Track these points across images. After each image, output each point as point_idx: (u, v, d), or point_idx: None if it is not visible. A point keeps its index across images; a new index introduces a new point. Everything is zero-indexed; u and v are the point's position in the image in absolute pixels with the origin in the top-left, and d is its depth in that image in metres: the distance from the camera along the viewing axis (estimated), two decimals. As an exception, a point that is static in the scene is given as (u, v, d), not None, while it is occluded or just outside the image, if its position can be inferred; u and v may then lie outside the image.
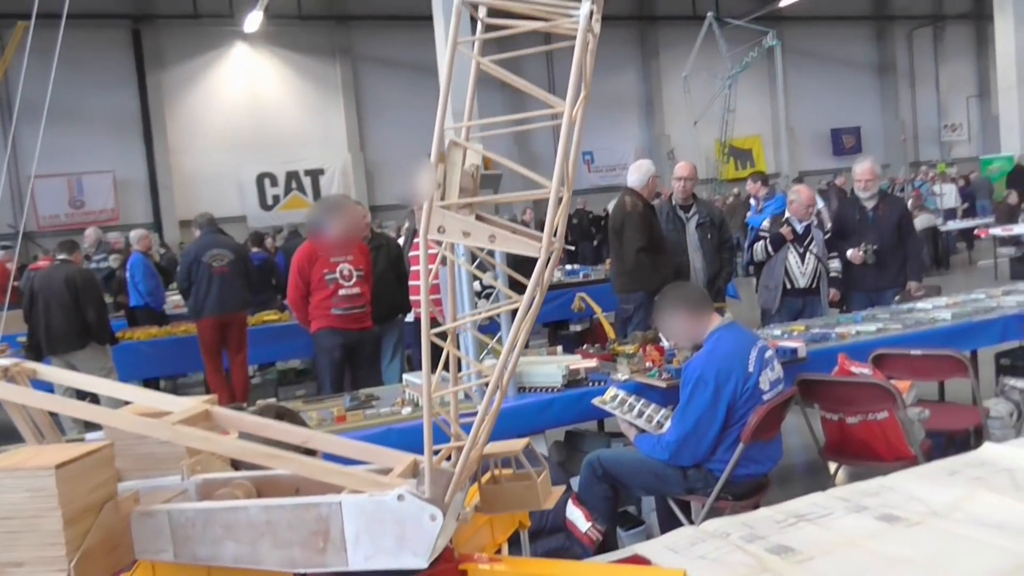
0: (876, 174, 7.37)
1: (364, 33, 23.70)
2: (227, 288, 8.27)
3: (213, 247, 8.42)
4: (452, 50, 1.54)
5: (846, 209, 7.63)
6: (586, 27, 1.42)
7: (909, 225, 7.43)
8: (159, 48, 21.79)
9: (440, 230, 1.52)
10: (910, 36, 31.06)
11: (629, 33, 26.50)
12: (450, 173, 1.56)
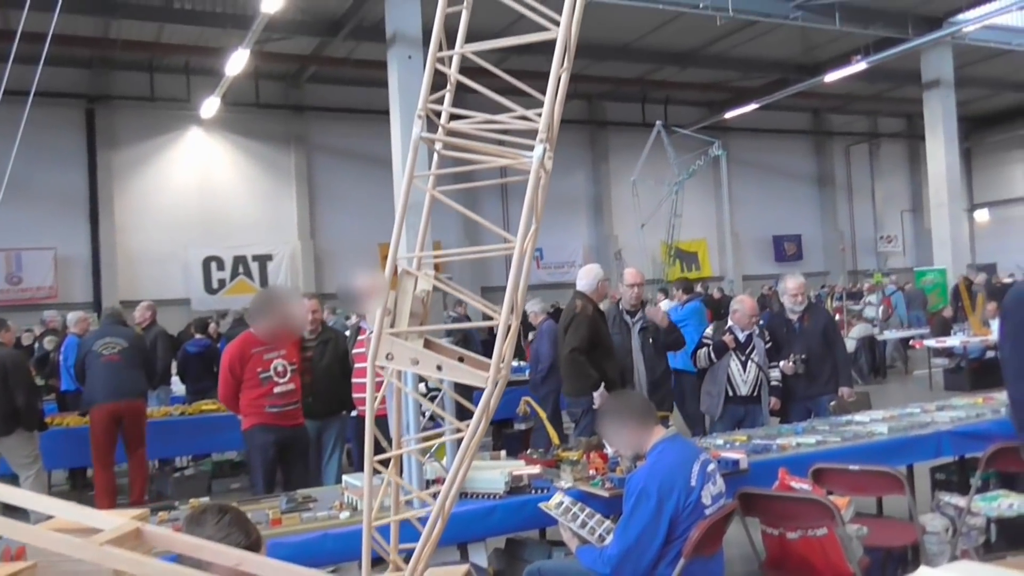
0: (803, 288, 7.72)
1: (320, 123, 23.99)
2: (116, 375, 8.12)
3: (107, 336, 8.35)
4: (408, 183, 1.58)
5: (775, 322, 7.86)
6: (538, 167, 1.47)
7: (834, 333, 7.72)
8: (113, 128, 21.75)
9: (388, 357, 1.53)
10: (847, 151, 32.46)
11: (580, 136, 27.25)
12: (401, 301, 1.57)
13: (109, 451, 8.09)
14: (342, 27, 19.09)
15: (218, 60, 19.13)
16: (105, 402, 8.01)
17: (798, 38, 22.87)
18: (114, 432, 8.07)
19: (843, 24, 20.26)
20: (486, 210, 24.43)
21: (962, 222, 26.17)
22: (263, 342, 6.18)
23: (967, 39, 22.18)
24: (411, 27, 15.93)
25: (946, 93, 22.36)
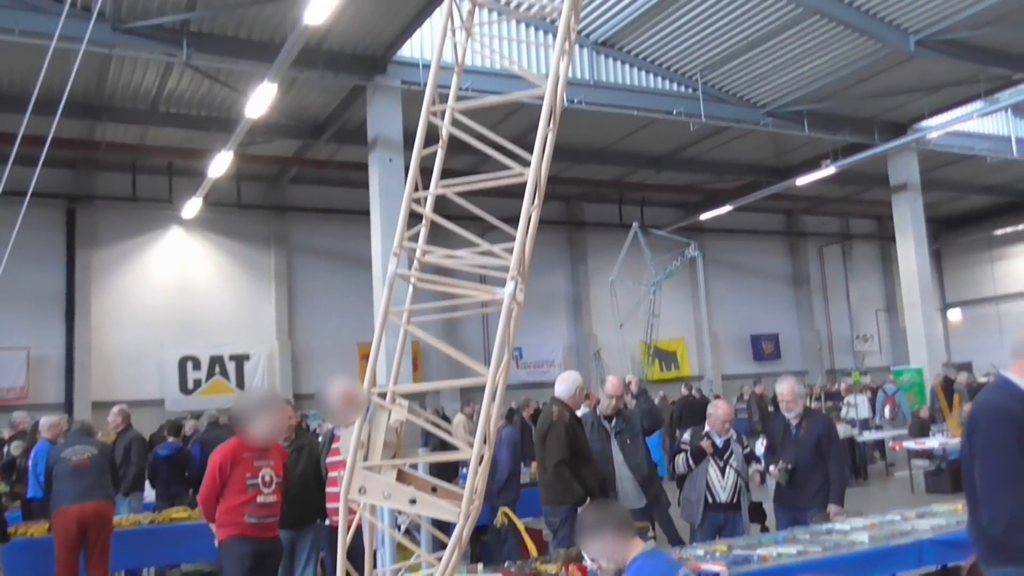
0: (797, 394, 7.43)
1: (301, 223, 24.19)
2: (84, 478, 8.05)
3: (76, 444, 8.32)
4: (384, 318, 1.60)
5: (774, 423, 7.73)
6: (510, 301, 1.50)
7: (831, 444, 7.23)
8: (93, 228, 21.82)
9: (361, 491, 1.52)
10: (821, 252, 33.03)
11: (559, 237, 27.61)
12: (374, 435, 1.58)
13: (73, 560, 7.84)
14: (324, 130, 19.47)
15: (201, 162, 19.39)
16: (71, 504, 7.83)
17: (769, 143, 23.56)
18: (79, 541, 7.83)
19: (812, 130, 20.95)
20: (468, 332, 24.50)
21: (936, 322, 26.50)
22: (254, 448, 6.11)
23: (931, 145, 22.95)
24: (392, 131, 16.28)
25: (914, 196, 22.97)
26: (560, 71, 2.13)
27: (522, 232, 1.59)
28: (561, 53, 2.31)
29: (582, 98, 18.07)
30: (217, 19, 14.75)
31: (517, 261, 1.47)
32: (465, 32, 2.14)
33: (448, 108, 1.58)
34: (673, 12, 17.15)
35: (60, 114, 8.98)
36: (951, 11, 16.71)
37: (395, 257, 1.49)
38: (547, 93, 2.11)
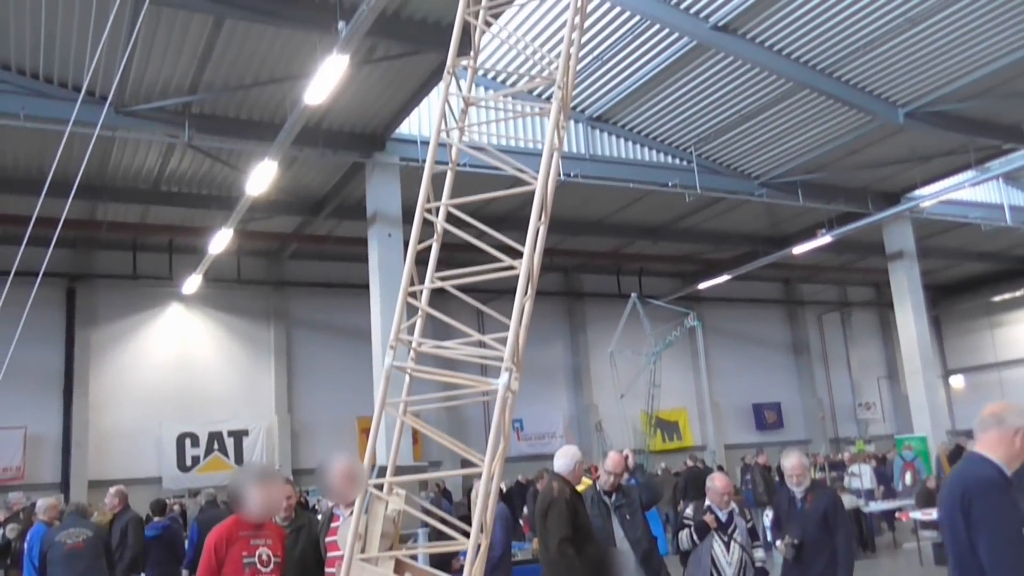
0: (805, 467, 7.25)
1: (300, 298, 24.26)
2: (79, 563, 7.98)
3: (71, 527, 8.28)
4: (381, 409, 1.62)
5: (779, 497, 7.56)
6: (504, 393, 1.51)
7: (837, 518, 6.96)
8: (93, 306, 21.88)
9: (357, 586, 1.51)
10: (820, 320, 33.06)
11: (558, 307, 27.67)
12: (371, 526, 1.57)
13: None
14: (324, 206, 19.68)
15: (201, 239, 19.55)
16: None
17: (765, 213, 23.79)
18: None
19: (806, 200, 21.18)
20: (469, 406, 24.33)
21: (938, 389, 26.41)
22: (251, 527, 6.00)
23: (925, 213, 23.17)
24: (391, 206, 16.45)
25: (910, 264, 23.09)
26: (552, 167, 2.18)
27: (515, 322, 1.61)
28: (551, 151, 2.37)
29: (578, 171, 18.32)
30: (219, 100, 15.05)
31: (511, 351, 1.49)
32: (459, 131, 2.23)
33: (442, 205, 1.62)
34: (665, 88, 17.51)
35: (62, 196, 9.10)
36: (938, 84, 17.07)
37: (391, 350, 1.51)
38: (538, 189, 2.16)
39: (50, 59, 13.58)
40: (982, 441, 4.10)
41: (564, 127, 2.55)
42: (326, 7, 12.39)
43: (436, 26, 13.26)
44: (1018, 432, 4.06)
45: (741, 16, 15.03)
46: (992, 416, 4.16)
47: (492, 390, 1.45)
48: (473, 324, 6.10)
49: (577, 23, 3.39)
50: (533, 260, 1.52)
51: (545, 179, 2.07)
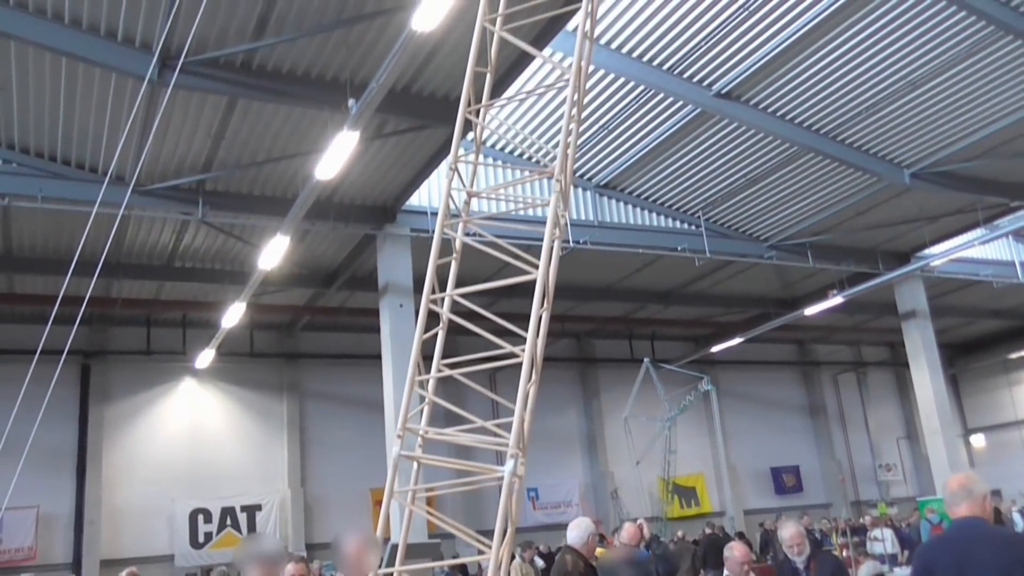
0: (803, 536, 7.23)
1: (313, 370, 24.27)
2: None
3: None
4: (388, 497, 1.63)
5: (783, 570, 7.47)
6: (511, 480, 1.52)
7: None
8: (107, 382, 21.94)
9: None
10: (835, 381, 32.77)
11: (570, 374, 27.55)
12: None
13: None
14: (336, 278, 19.82)
15: (214, 314, 19.66)
16: None
17: (775, 275, 23.80)
18: None
19: (816, 261, 21.21)
20: (484, 488, 24.05)
21: (958, 449, 25.98)
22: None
23: (936, 272, 23.13)
24: (402, 277, 16.55)
25: (923, 323, 22.97)
26: (554, 257, 2.21)
27: (520, 408, 1.63)
28: (551, 241, 2.42)
29: (587, 238, 18.45)
30: (232, 178, 15.30)
31: (516, 437, 1.49)
32: (463, 224, 2.28)
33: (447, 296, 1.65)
34: (672, 154, 17.72)
35: (78, 275, 9.22)
36: (942, 145, 17.23)
37: (399, 439, 1.52)
38: (539, 279, 2.20)
39: (68, 142, 13.90)
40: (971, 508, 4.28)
41: (564, 215, 2.60)
42: (336, 86, 12.68)
43: (445, 100, 13.53)
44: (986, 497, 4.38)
45: (743, 83, 15.29)
46: (962, 488, 4.38)
47: (500, 476, 1.45)
48: (484, 400, 6.09)
49: (574, 115, 3.49)
50: (536, 346, 1.54)
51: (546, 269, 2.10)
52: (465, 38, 12.06)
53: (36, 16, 10.96)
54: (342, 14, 11.39)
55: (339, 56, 12.27)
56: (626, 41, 14.63)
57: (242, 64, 12.21)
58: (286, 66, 12.40)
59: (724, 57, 14.79)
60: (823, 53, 14.57)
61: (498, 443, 1.44)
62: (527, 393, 1.99)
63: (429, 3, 9.07)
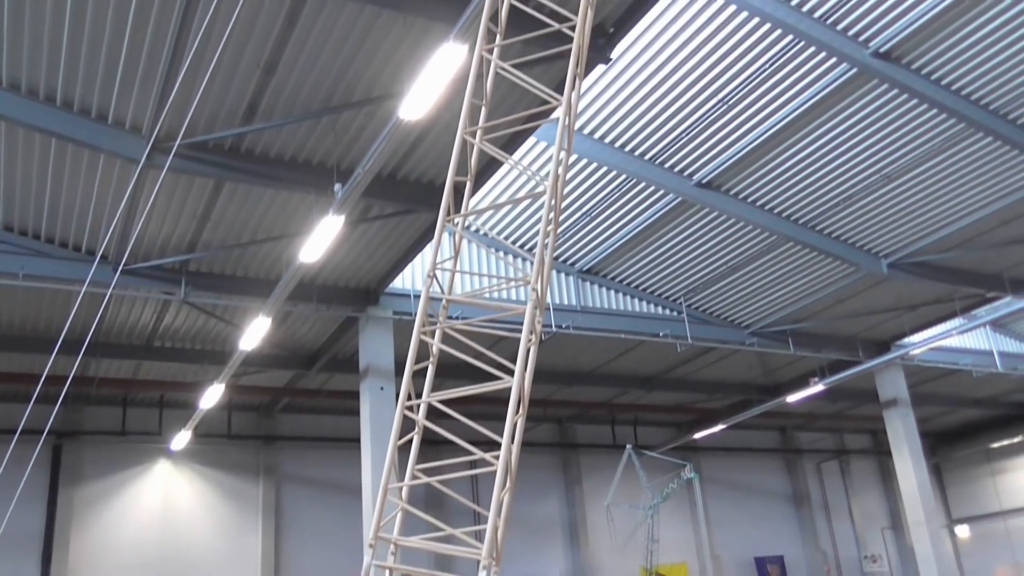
0: None
1: (291, 453, 23.89)
2: None
3: None
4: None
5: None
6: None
7: None
8: (79, 464, 21.47)
9: None
10: (819, 469, 32.57)
11: (552, 460, 27.26)
12: None
13: None
14: (317, 360, 19.69)
15: (192, 394, 19.47)
16: None
17: (757, 362, 23.87)
18: None
19: (796, 349, 21.32)
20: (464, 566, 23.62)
21: (943, 539, 25.70)
22: None
23: (916, 361, 23.27)
24: (384, 360, 16.47)
25: (905, 412, 22.99)
26: (529, 364, 2.22)
27: (493, 516, 1.60)
28: (527, 349, 2.43)
29: (570, 323, 18.49)
30: (215, 258, 15.32)
31: (489, 547, 1.45)
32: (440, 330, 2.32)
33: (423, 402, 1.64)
34: (654, 241, 17.93)
35: (57, 352, 9.14)
36: (918, 236, 17.55)
37: (371, 548, 1.49)
38: (514, 387, 2.20)
39: (53, 220, 13.91)
40: None
41: (541, 320, 2.62)
42: (323, 170, 12.85)
43: (430, 185, 13.71)
44: None
45: (723, 174, 15.61)
46: None
47: None
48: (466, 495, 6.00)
49: (551, 230, 3.56)
50: (512, 453, 1.53)
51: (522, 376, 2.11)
52: (451, 125, 12.31)
53: (28, 97, 11.10)
54: (331, 101, 11.60)
55: (326, 141, 12.46)
56: (609, 131, 14.95)
57: (230, 147, 12.36)
58: (274, 150, 12.56)
59: (704, 148, 15.12)
60: (800, 146, 14.93)
61: (471, 553, 1.40)
62: (501, 501, 1.96)
63: (417, 92, 9.26)
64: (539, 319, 2.54)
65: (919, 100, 13.63)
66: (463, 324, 3.68)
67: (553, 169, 4.42)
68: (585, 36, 4.81)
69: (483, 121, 4.71)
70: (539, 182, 4.03)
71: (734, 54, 13.09)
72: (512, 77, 5.31)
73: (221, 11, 9.60)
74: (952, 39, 12.65)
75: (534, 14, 6.08)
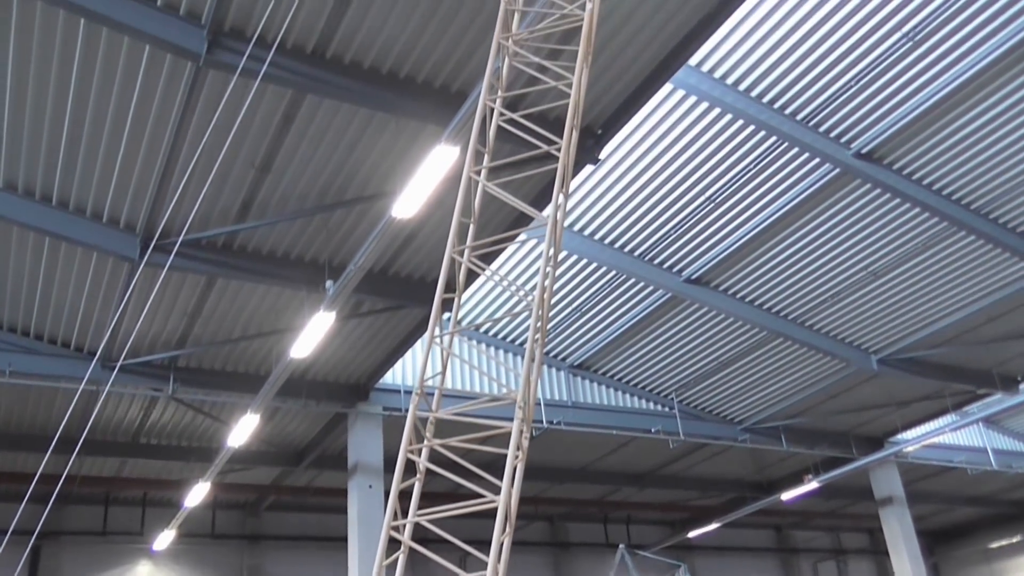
0: None
1: (276, 552, 23.28)
2: None
3: None
4: None
5: None
6: None
7: None
8: (57, 566, 20.83)
9: None
10: (816, 569, 31.87)
11: (543, 559, 26.62)
12: None
13: None
14: (304, 456, 19.41)
15: (176, 492, 19.12)
16: None
17: (750, 458, 23.64)
18: None
19: (789, 445, 21.16)
20: None
21: (946, 643, 25.06)
22: None
23: (910, 458, 23.09)
24: (372, 457, 16.26)
25: (901, 510, 22.67)
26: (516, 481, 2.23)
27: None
28: (513, 469, 2.43)
29: (561, 419, 18.36)
30: (205, 354, 15.27)
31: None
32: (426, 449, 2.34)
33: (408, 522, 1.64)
34: (644, 337, 17.98)
35: (39, 450, 8.99)
36: (907, 332, 17.65)
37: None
38: (500, 506, 2.19)
39: (42, 317, 13.90)
40: None
41: (527, 437, 2.63)
42: (315, 266, 12.95)
43: (421, 282, 13.80)
44: None
45: (712, 270, 15.77)
46: None
47: None
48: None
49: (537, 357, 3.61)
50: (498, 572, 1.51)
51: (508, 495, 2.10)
52: (443, 222, 12.50)
53: (24, 197, 11.25)
54: (324, 199, 11.78)
55: (319, 238, 12.59)
56: (598, 228, 15.16)
57: (223, 244, 12.47)
58: (267, 247, 12.67)
59: (693, 245, 15.32)
60: (787, 243, 15.15)
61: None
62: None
63: (410, 191, 9.42)
64: (525, 436, 2.55)
65: (902, 199, 13.92)
66: (455, 441, 3.67)
67: (540, 283, 4.49)
68: (571, 157, 4.96)
69: (471, 240, 4.82)
70: (524, 298, 4.10)
71: (720, 154, 13.40)
72: (501, 196, 5.44)
73: (219, 113, 9.84)
74: (932, 140, 13.01)
75: (522, 134, 6.26)
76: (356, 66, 9.83)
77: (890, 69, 11.95)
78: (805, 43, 11.75)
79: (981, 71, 11.68)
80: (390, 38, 9.56)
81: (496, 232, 12.86)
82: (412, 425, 2.51)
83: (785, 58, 11.97)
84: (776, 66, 12.09)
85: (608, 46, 9.97)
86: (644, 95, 10.70)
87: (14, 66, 9.46)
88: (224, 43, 9.05)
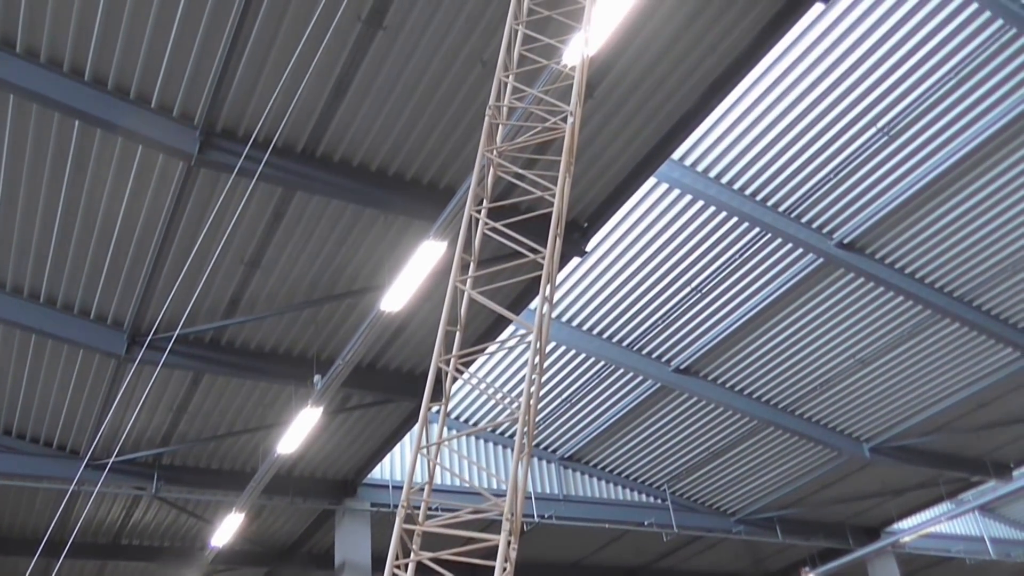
0: None
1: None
2: None
3: None
4: None
5: None
6: None
7: None
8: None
9: None
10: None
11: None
12: None
13: None
14: (291, 555, 18.94)
15: (158, 596, 18.53)
16: None
17: (745, 550, 23.18)
18: None
19: (785, 536, 20.80)
20: None
21: None
22: None
23: (907, 548, 22.69)
24: (360, 555, 15.91)
25: (903, 609, 22.18)
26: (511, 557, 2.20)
27: None
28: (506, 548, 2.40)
29: (552, 512, 18.06)
30: (190, 451, 15.05)
31: None
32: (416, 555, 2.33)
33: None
34: (634, 427, 17.84)
35: (14, 553, 8.77)
36: (897, 420, 17.59)
37: None
38: None
39: (25, 416, 13.72)
40: None
41: (515, 547, 2.61)
42: (303, 361, 12.90)
43: (409, 375, 13.75)
44: None
45: (700, 360, 15.78)
46: None
47: None
48: None
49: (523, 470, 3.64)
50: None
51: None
52: (431, 316, 12.53)
53: (12, 295, 11.24)
54: (313, 294, 11.82)
55: (307, 333, 12.59)
56: (586, 319, 15.21)
57: (211, 340, 12.44)
58: (254, 342, 12.64)
59: (681, 335, 15.37)
60: (774, 332, 15.22)
61: None
62: None
63: (398, 286, 9.48)
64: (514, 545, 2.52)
65: (885, 288, 14.06)
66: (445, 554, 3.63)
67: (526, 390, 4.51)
68: (555, 265, 5.05)
69: (457, 348, 4.87)
70: (509, 406, 4.11)
71: (704, 245, 13.57)
72: (488, 306, 5.51)
73: (208, 210, 9.95)
74: (912, 230, 13.24)
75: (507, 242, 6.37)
76: (346, 163, 10.01)
77: (868, 162, 12.25)
78: (785, 137, 12.06)
79: (957, 162, 11.99)
80: (379, 136, 9.77)
81: (482, 328, 12.90)
82: (398, 539, 2.48)
83: (766, 152, 12.27)
84: (757, 159, 12.37)
85: (593, 142, 10.21)
86: (629, 189, 10.90)
87: (7, 164, 9.59)
88: (216, 143, 9.22)
